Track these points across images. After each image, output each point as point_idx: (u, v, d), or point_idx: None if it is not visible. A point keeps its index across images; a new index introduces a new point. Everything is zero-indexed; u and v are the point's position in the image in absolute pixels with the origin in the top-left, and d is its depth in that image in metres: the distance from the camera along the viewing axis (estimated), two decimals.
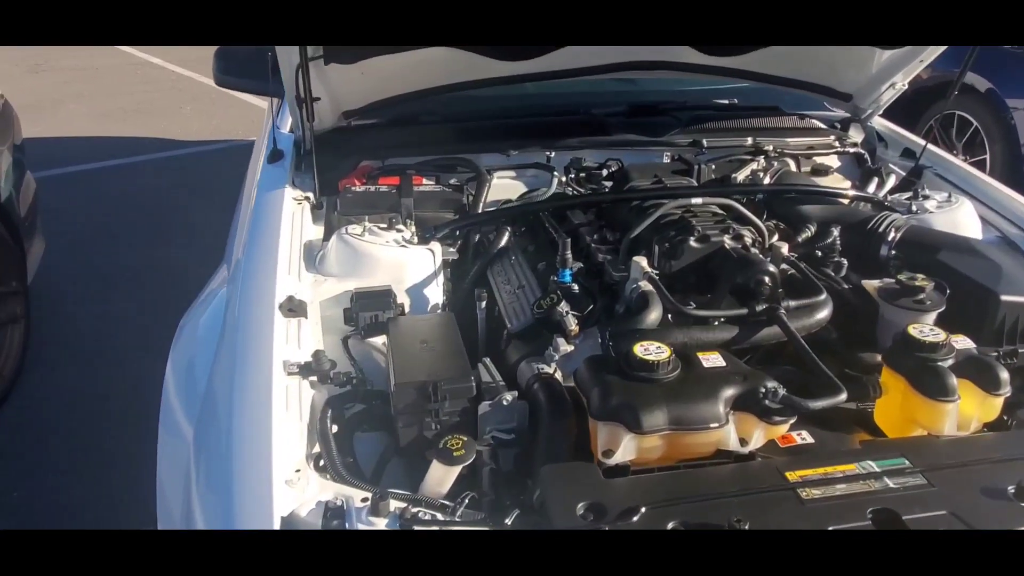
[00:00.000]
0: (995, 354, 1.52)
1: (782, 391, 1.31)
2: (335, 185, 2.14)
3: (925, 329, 1.43)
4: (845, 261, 1.81)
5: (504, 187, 2.26)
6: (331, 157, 2.23)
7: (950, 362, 1.39)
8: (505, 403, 1.39)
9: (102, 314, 3.84)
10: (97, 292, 4.07)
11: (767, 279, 1.58)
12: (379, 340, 1.65)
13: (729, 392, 1.30)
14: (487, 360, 1.54)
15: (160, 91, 8.15)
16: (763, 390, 1.30)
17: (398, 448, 1.42)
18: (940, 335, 1.41)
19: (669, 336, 1.47)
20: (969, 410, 1.39)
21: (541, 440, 1.35)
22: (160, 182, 5.65)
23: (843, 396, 1.33)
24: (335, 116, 2.21)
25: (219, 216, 2.85)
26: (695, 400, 1.28)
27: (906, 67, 2.29)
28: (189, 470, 1.33)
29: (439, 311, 1.81)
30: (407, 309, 1.75)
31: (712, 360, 1.39)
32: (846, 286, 1.75)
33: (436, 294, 1.82)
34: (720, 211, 1.81)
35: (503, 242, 1.99)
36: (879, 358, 1.57)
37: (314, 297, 1.69)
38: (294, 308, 1.56)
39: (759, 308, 1.51)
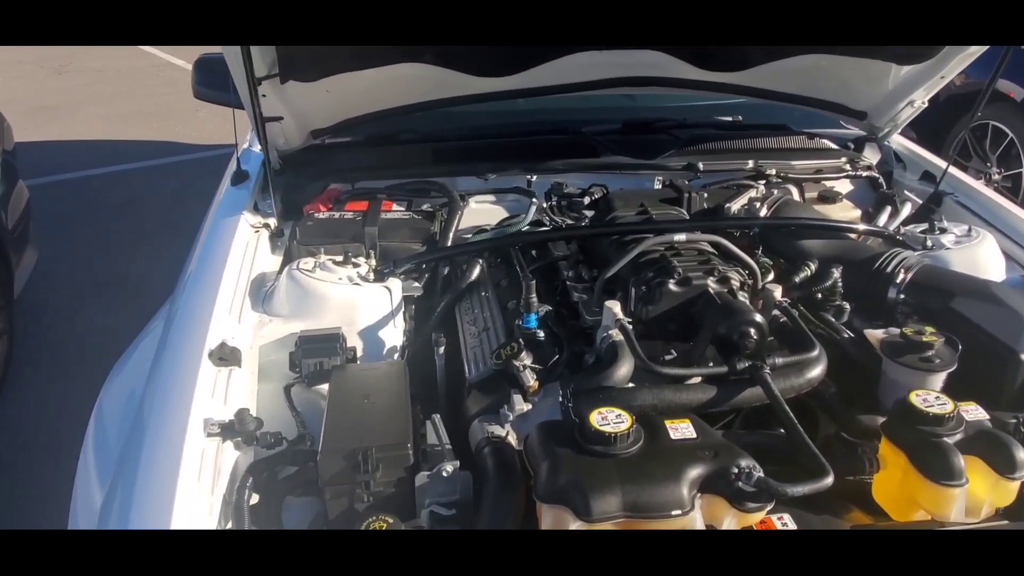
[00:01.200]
0: (1014, 421, 1.33)
1: (758, 472, 1.13)
2: (301, 209, 2.01)
3: (930, 397, 1.25)
4: (848, 305, 1.63)
5: (482, 212, 2.11)
6: (299, 179, 2.10)
7: (958, 437, 1.21)
8: (445, 474, 1.24)
9: (93, 325, 3.75)
10: (90, 302, 3.99)
11: (752, 331, 1.40)
12: (325, 387, 1.50)
13: (696, 472, 1.14)
14: (436, 418, 1.38)
15: (178, 94, 8.09)
16: (736, 470, 1.14)
17: (327, 520, 1.27)
18: (947, 405, 1.22)
19: (636, 397, 1.30)
20: (980, 493, 1.20)
21: (483, 518, 1.19)
22: (168, 188, 5.58)
23: (828, 480, 1.15)
24: (302, 135, 2.07)
25: None
26: (656, 481, 1.12)
27: (926, 83, 2.09)
28: None
29: (396, 355, 1.66)
30: (360, 353, 1.60)
31: (681, 430, 1.23)
32: (847, 334, 1.57)
33: (394, 336, 1.67)
34: (708, 248, 1.63)
35: (474, 276, 1.84)
36: (879, 420, 1.39)
37: (255, 340, 1.55)
38: (226, 356, 1.42)
39: (741, 366, 1.34)
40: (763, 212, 1.84)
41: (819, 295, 1.65)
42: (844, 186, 2.25)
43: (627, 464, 1.14)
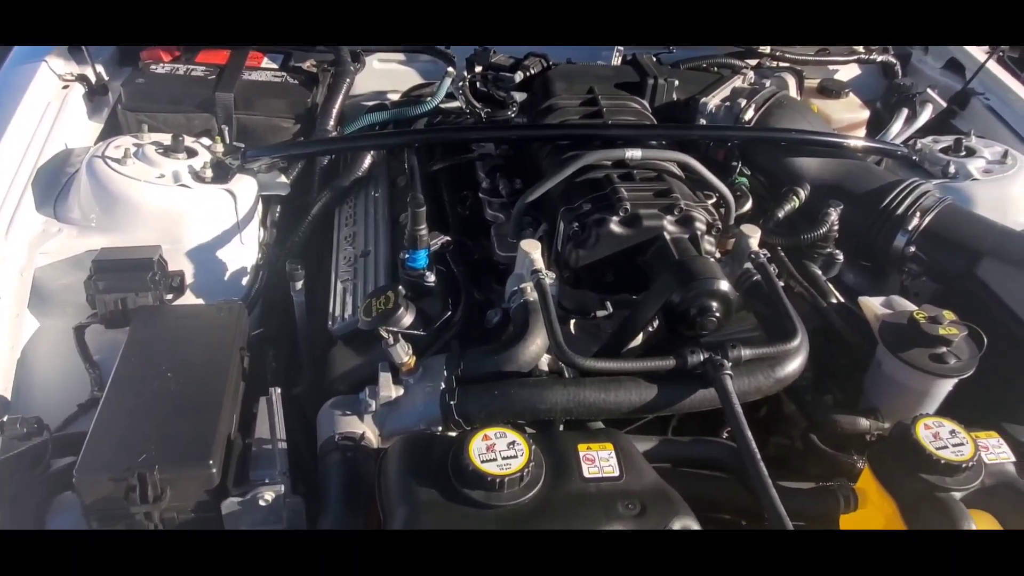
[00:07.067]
0: None
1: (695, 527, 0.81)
2: (137, 55, 1.49)
3: (943, 431, 0.91)
4: (840, 256, 1.25)
5: (387, 76, 1.62)
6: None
7: (975, 487, 0.89)
8: (263, 503, 0.88)
9: None
10: None
11: (716, 305, 1.03)
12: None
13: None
14: (275, 394, 0.99)
15: None
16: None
17: None
18: (965, 448, 0.89)
19: (545, 398, 0.96)
20: None
21: None
22: None
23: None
24: None
25: None
26: None
27: None
28: None
29: (245, 279, 1.25)
30: (191, 279, 1.19)
31: (599, 463, 0.88)
32: (836, 298, 1.20)
33: (243, 255, 1.25)
34: (671, 169, 1.21)
35: (362, 169, 1.40)
36: (863, 424, 1.07)
37: (31, 259, 1.12)
38: None
39: (694, 360, 0.97)
40: (749, 113, 1.39)
41: (806, 238, 1.26)
42: (849, 71, 1.80)
43: (515, 521, 0.80)
